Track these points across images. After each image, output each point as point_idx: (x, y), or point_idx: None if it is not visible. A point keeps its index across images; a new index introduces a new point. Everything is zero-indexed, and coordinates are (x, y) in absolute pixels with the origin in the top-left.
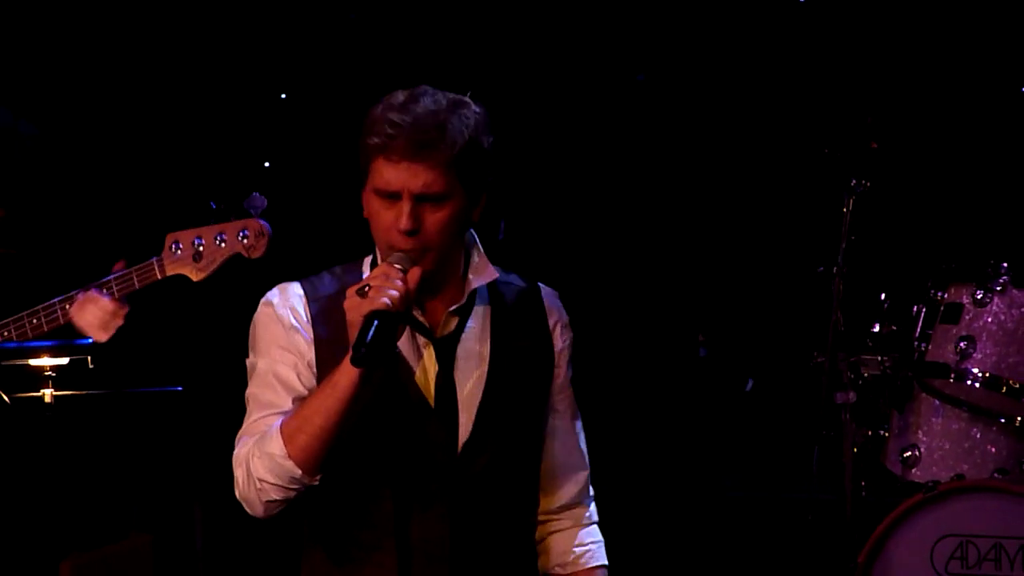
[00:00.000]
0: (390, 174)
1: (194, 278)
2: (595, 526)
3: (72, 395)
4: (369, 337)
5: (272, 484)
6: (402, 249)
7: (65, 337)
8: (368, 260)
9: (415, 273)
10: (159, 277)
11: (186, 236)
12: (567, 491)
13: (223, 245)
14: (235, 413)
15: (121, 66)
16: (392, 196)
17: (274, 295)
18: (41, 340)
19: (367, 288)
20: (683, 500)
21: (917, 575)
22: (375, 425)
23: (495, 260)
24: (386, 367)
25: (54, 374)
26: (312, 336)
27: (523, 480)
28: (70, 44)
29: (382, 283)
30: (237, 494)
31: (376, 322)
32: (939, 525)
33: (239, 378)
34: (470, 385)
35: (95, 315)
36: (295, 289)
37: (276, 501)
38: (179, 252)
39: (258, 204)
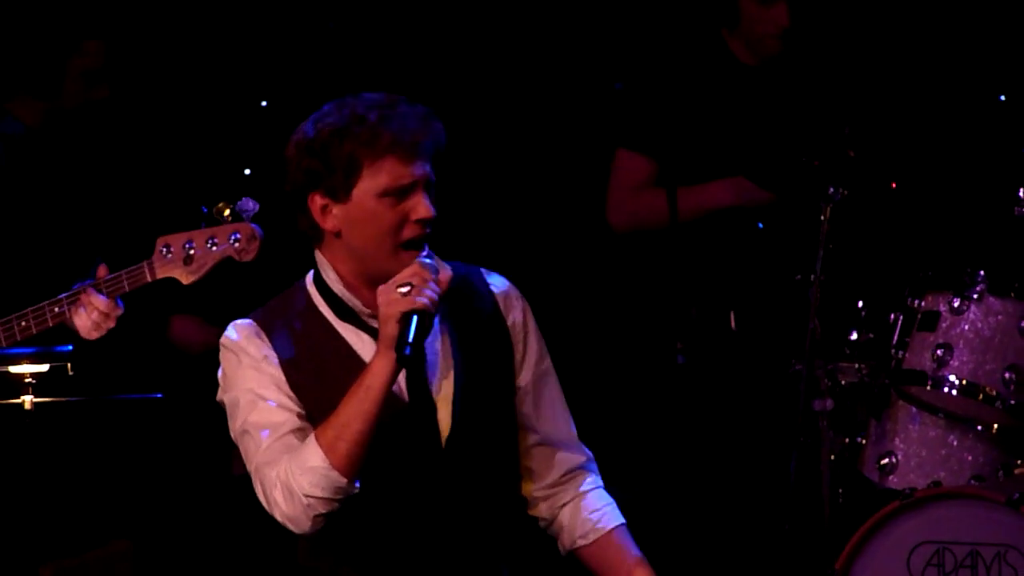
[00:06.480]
0: (404, 169)
1: (184, 281)
2: (601, 489)
3: (52, 402)
4: (411, 336)
5: (320, 498)
6: (415, 239)
7: (49, 341)
8: (310, 278)
9: (446, 276)
10: (149, 280)
11: (177, 240)
12: (562, 462)
13: (214, 248)
14: (215, 420)
15: (109, 69)
16: (402, 192)
17: (232, 334)
18: (23, 347)
19: (406, 285)
20: (660, 507)
21: None
22: None
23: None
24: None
25: (34, 381)
26: (279, 361)
27: (506, 463)
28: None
29: (421, 282)
30: (279, 516)
31: (416, 320)
32: (916, 532)
33: (218, 384)
34: (444, 380)
35: (91, 314)
36: (249, 324)
37: (323, 515)
38: (170, 255)
39: (249, 208)
